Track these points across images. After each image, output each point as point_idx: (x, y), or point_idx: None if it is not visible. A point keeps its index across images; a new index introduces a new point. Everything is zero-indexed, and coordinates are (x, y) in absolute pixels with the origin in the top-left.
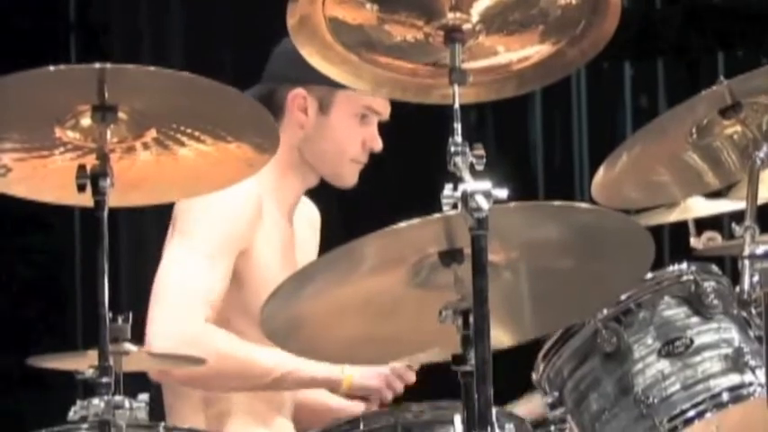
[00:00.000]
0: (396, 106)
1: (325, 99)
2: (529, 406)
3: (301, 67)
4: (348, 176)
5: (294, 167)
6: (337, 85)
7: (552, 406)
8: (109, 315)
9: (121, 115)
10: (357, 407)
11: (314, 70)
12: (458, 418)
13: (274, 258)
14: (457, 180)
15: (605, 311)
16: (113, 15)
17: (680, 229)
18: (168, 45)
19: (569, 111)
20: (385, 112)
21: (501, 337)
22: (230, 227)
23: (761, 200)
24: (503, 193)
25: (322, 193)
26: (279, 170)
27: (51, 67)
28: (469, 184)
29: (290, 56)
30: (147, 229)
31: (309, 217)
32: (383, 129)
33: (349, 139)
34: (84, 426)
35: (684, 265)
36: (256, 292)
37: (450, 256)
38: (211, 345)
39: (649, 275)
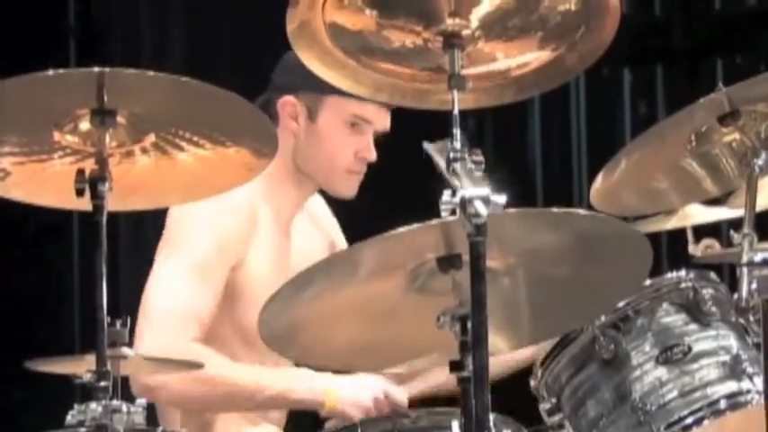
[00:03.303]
0: (395, 111)
1: (313, 106)
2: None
3: (291, 75)
4: (343, 187)
5: (288, 175)
6: (325, 92)
7: (550, 412)
8: (107, 319)
9: (120, 119)
10: None
11: (302, 77)
12: (455, 425)
13: (268, 269)
14: (455, 186)
15: (603, 318)
16: (113, 19)
17: (678, 236)
18: (168, 48)
19: (568, 117)
20: (378, 121)
21: (499, 344)
22: (222, 241)
23: (759, 207)
24: (501, 199)
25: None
26: (273, 178)
27: (50, 71)
28: (468, 189)
29: (285, 65)
30: (147, 233)
31: (313, 214)
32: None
33: (338, 148)
34: (82, 430)
35: (683, 273)
36: (249, 305)
37: (448, 262)
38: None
39: (648, 282)
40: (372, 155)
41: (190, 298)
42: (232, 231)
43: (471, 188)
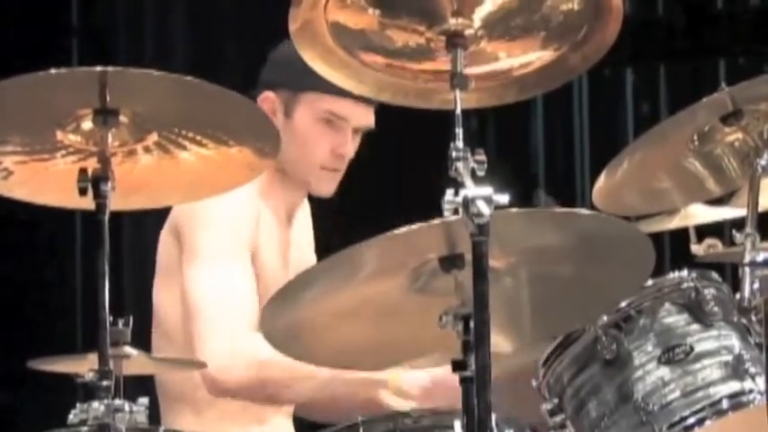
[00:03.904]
0: (398, 111)
1: (289, 102)
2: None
3: (272, 71)
4: (319, 185)
5: (275, 173)
6: (299, 88)
7: (552, 413)
8: (109, 318)
9: (123, 119)
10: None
11: (281, 73)
12: (457, 424)
13: (275, 263)
14: (458, 185)
15: (605, 318)
16: (116, 17)
17: (680, 235)
18: (172, 47)
19: (570, 117)
20: (355, 118)
21: (501, 343)
22: (239, 227)
23: (762, 207)
24: (504, 198)
25: (324, 198)
26: (265, 176)
27: (53, 71)
28: (471, 189)
29: (270, 61)
30: (151, 232)
31: (304, 218)
32: (381, 134)
33: (313, 144)
34: (84, 429)
35: (685, 272)
36: (262, 297)
37: (450, 262)
38: (259, 356)
39: (650, 282)
40: (349, 151)
41: (234, 291)
42: (244, 221)
43: (474, 188)
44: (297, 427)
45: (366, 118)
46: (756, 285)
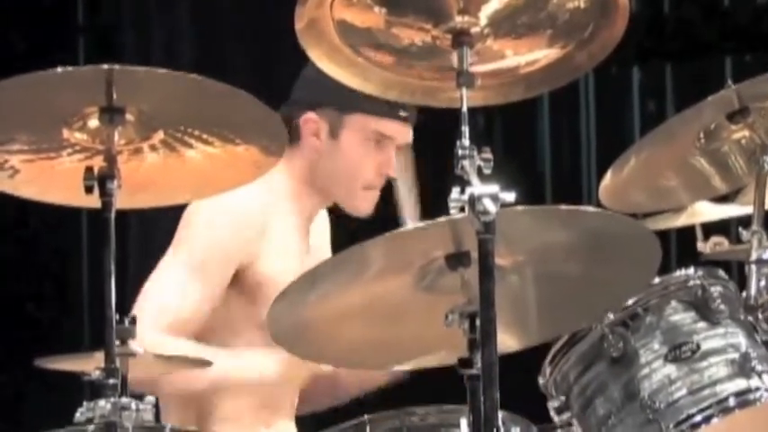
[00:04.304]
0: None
1: (334, 123)
2: None
3: (311, 90)
4: (362, 204)
5: (309, 186)
6: (346, 110)
7: (559, 410)
8: (116, 316)
9: (129, 117)
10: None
11: (322, 93)
12: (464, 422)
13: (287, 269)
14: (464, 183)
15: (612, 316)
16: (122, 16)
17: (687, 233)
18: (178, 45)
19: (577, 115)
20: (400, 137)
21: (507, 341)
22: (219, 245)
23: None
24: (510, 196)
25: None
26: (295, 185)
27: (59, 69)
28: (477, 187)
29: (306, 81)
30: (157, 230)
31: (322, 223)
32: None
33: (360, 164)
34: (91, 427)
35: (691, 270)
36: (264, 305)
37: (456, 260)
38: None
39: (656, 280)
40: (393, 170)
41: (177, 294)
42: (229, 236)
43: (480, 185)
44: (299, 428)
45: (408, 135)
46: (763, 283)
